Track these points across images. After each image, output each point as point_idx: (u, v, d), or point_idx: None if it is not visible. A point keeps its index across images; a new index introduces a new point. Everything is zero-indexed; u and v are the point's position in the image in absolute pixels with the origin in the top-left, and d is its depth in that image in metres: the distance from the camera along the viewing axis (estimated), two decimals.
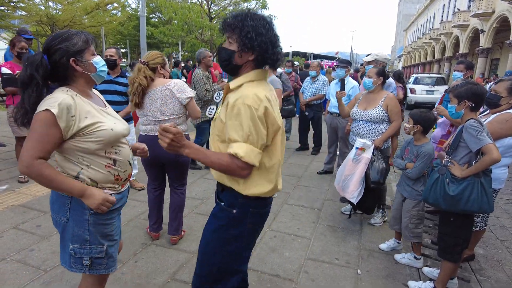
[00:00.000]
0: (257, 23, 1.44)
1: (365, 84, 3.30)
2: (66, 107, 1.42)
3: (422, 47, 39.52)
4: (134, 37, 27.51)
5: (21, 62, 4.20)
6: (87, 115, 1.49)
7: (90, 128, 1.48)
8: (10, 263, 2.58)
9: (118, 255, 1.74)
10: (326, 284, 2.52)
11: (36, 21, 18.54)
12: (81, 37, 1.53)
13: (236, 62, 1.51)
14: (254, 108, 1.39)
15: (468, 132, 2.14)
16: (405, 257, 2.84)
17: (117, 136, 1.57)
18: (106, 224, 1.59)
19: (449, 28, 28.25)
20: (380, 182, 3.15)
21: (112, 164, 1.58)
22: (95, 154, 1.52)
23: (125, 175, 1.65)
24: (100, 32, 21.24)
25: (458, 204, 2.16)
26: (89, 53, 1.54)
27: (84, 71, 1.53)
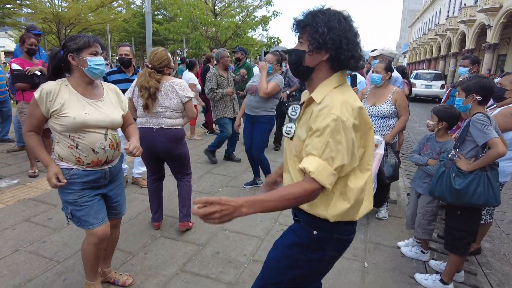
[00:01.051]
0: (330, 17, 1.26)
1: (374, 79, 3.30)
2: (46, 92, 1.81)
3: (428, 43, 39.18)
4: (139, 34, 27.61)
5: (31, 58, 4.26)
6: (62, 101, 1.83)
7: (58, 113, 1.82)
8: (24, 254, 2.64)
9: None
10: (333, 276, 2.55)
11: (42, 19, 18.68)
12: (84, 39, 1.87)
13: (308, 63, 1.33)
14: (341, 120, 1.20)
15: (474, 126, 2.15)
16: (412, 251, 2.86)
17: (80, 125, 1.84)
18: (66, 192, 1.92)
19: (455, 23, 27.97)
20: (395, 177, 3.17)
21: (74, 147, 1.88)
22: (62, 134, 1.87)
23: (87, 159, 1.91)
24: (105, 29, 21.35)
25: (463, 197, 2.17)
26: (87, 52, 1.86)
27: (78, 65, 1.87)
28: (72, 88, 1.89)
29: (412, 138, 8.08)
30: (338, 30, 1.25)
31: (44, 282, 2.32)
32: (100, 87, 2.05)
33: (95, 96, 1.97)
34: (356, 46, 1.29)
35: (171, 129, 2.84)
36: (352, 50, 1.28)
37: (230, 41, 18.92)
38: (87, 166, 1.93)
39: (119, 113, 2.06)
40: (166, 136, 2.82)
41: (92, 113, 1.89)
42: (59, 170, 1.87)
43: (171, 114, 2.80)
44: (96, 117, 1.90)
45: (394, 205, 3.88)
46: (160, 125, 2.81)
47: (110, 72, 3.82)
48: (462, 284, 2.56)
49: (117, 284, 2.34)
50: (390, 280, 2.54)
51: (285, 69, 6.09)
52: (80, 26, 20.75)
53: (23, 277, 2.37)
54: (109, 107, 2.00)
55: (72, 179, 1.90)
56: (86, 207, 1.94)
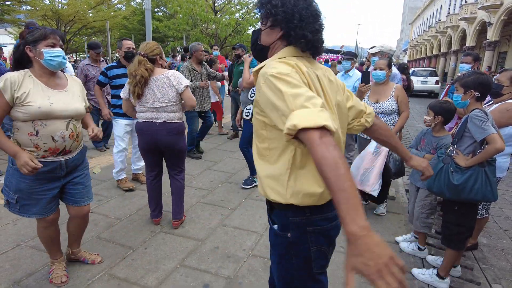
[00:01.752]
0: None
1: (377, 76, 3.31)
2: (10, 82, 1.87)
3: (428, 40, 39.10)
4: (139, 32, 27.58)
5: None
6: (26, 91, 1.90)
7: (21, 102, 1.89)
8: (25, 249, 2.66)
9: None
10: (331, 271, 2.55)
11: (41, 16, 18.64)
12: (40, 31, 1.94)
13: (264, 41, 1.29)
14: (284, 73, 1.09)
15: (472, 122, 2.16)
16: (410, 247, 2.88)
17: (45, 114, 1.93)
18: (20, 180, 2.00)
19: (456, 21, 27.90)
20: (402, 172, 3.20)
21: (34, 134, 1.95)
22: (24, 122, 1.92)
23: (45, 146, 1.98)
24: (105, 26, 21.31)
25: (462, 193, 2.19)
26: (44, 44, 1.93)
27: (35, 57, 1.95)
28: (36, 79, 1.97)
29: (412, 135, 8.09)
30: (292, 4, 1.19)
31: (45, 277, 2.34)
32: (63, 78, 2.15)
33: (58, 86, 2.06)
34: (309, 25, 1.21)
35: (174, 122, 2.87)
36: (304, 28, 1.20)
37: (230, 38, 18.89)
38: (42, 156, 1.99)
39: (82, 103, 2.16)
40: (169, 130, 2.85)
41: (57, 102, 1.99)
42: (31, 155, 1.91)
43: (172, 107, 2.83)
44: (60, 106, 2.00)
45: (392, 201, 3.90)
46: (163, 119, 2.84)
47: (110, 66, 3.82)
48: (459, 278, 2.58)
49: (87, 263, 2.50)
50: None
51: None
52: (80, 23, 20.72)
53: (24, 271, 2.39)
54: (73, 97, 2.10)
55: None
56: (35, 200, 2.05)
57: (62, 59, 2.00)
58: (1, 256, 2.57)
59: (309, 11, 1.21)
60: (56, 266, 2.32)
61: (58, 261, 2.34)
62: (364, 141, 3.59)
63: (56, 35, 1.98)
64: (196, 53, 4.92)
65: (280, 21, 1.22)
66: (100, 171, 4.55)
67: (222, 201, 3.73)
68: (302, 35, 1.21)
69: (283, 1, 1.20)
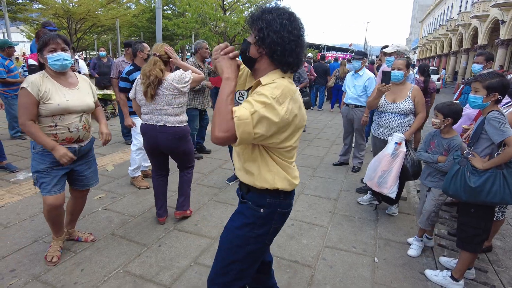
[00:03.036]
0: (274, 18, 1.36)
1: (395, 76, 3.29)
2: (34, 83, 2.17)
3: (438, 39, 38.57)
4: (148, 29, 27.72)
5: None
6: (46, 90, 2.19)
7: (43, 100, 2.18)
8: (43, 244, 2.72)
9: None
10: (344, 271, 2.58)
11: (53, 14, 18.86)
12: (43, 39, 2.22)
13: (252, 54, 1.45)
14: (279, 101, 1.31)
15: (490, 124, 2.14)
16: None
17: (63, 109, 2.24)
18: (39, 162, 2.31)
19: (467, 19, 27.48)
20: (420, 173, 3.19)
21: (54, 126, 2.26)
22: (45, 117, 2.23)
23: (62, 136, 2.30)
24: (115, 24, 21.49)
25: (479, 195, 2.17)
26: (47, 50, 2.20)
27: (44, 63, 2.26)
28: (52, 79, 2.27)
29: (422, 135, 8.02)
30: (277, 33, 1.35)
31: (63, 272, 2.40)
32: (74, 76, 2.45)
33: (71, 85, 2.37)
34: (291, 52, 1.39)
35: (174, 127, 2.87)
36: (287, 56, 1.38)
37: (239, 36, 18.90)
38: (61, 143, 2.31)
39: (91, 99, 2.47)
40: (169, 134, 2.86)
41: (72, 99, 2.30)
42: (66, 149, 2.27)
43: (173, 110, 2.84)
44: (75, 102, 2.31)
45: (404, 201, 3.89)
46: (163, 122, 2.85)
47: (130, 71, 3.77)
48: (473, 281, 2.57)
49: (81, 241, 2.79)
50: (400, 275, 2.57)
51: None
52: (90, 21, 20.93)
53: (43, 267, 2.45)
54: (84, 94, 2.41)
55: (46, 152, 2.28)
56: (49, 177, 2.33)
57: (63, 61, 2.24)
58: (20, 251, 2.63)
59: (291, 38, 1.37)
60: (54, 244, 2.57)
61: (57, 239, 2.58)
62: (379, 143, 3.57)
63: (55, 40, 2.22)
64: (200, 51, 4.92)
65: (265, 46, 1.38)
66: (113, 168, 4.61)
67: (233, 199, 3.75)
68: (284, 62, 1.40)
69: (271, 29, 1.35)
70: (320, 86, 10.59)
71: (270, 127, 1.31)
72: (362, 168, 4.92)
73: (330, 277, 2.50)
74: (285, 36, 1.36)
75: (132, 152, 3.99)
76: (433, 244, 2.96)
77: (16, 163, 4.64)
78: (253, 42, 1.42)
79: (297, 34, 1.39)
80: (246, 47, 1.46)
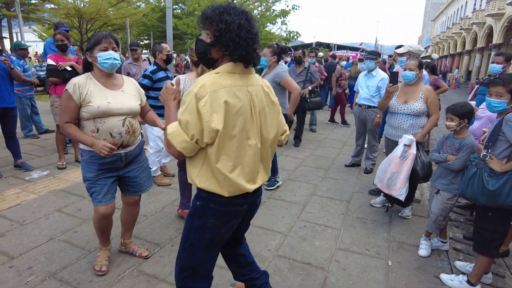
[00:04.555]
0: (234, 18, 1.42)
1: (408, 77, 3.25)
2: (77, 85, 2.11)
3: (452, 37, 37.93)
4: (158, 29, 27.84)
5: (65, 54, 4.43)
6: (88, 92, 2.13)
7: (85, 102, 2.12)
8: (58, 243, 2.76)
9: None
10: (357, 274, 2.56)
11: (64, 14, 19.09)
12: (95, 38, 2.16)
13: (213, 56, 1.51)
14: (196, 97, 1.40)
15: (509, 126, 2.10)
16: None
17: (103, 112, 2.14)
18: (87, 170, 2.24)
19: (482, 17, 26.95)
20: (430, 176, 3.15)
21: (96, 131, 2.16)
22: (87, 120, 2.15)
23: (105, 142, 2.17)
24: (125, 23, 21.66)
25: (497, 199, 2.12)
26: (98, 49, 2.14)
27: (92, 61, 2.19)
28: (96, 80, 2.20)
29: (435, 136, 7.90)
30: (235, 32, 1.42)
31: (78, 270, 2.43)
32: (120, 78, 2.34)
33: (115, 86, 2.26)
34: (247, 46, 1.45)
35: None
36: (244, 52, 1.45)
37: None
38: None
39: (137, 102, 2.33)
40: None
41: (113, 102, 2.18)
42: (104, 141, 2.13)
43: None
44: (116, 105, 2.19)
45: (417, 204, 3.84)
46: None
47: (154, 70, 3.91)
48: (490, 286, 2.52)
49: (135, 255, 2.63)
50: (415, 279, 2.53)
51: (307, 65, 6.06)
52: (101, 21, 21.10)
53: (59, 265, 2.48)
54: (128, 96, 2.28)
55: (92, 160, 2.21)
56: (99, 186, 2.25)
57: (114, 60, 2.17)
58: (36, 249, 2.67)
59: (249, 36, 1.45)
60: (101, 254, 2.49)
61: (104, 249, 2.50)
62: (391, 144, 3.53)
63: (108, 39, 2.17)
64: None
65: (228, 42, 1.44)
66: None
67: None
68: (238, 55, 1.46)
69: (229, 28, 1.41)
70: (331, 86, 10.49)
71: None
72: (374, 169, 4.87)
73: (344, 280, 2.48)
74: (243, 35, 1.43)
75: (151, 155, 4.07)
76: (448, 247, 2.92)
77: (30, 161, 4.71)
78: (211, 43, 1.48)
79: (255, 32, 1.48)
80: (205, 49, 1.51)
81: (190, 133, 1.41)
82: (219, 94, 1.41)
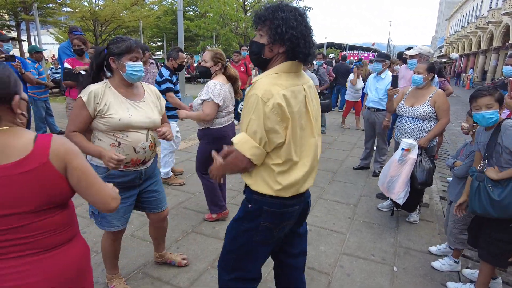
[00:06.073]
0: (289, 15, 1.40)
1: (415, 80, 3.21)
2: (93, 95, 1.89)
3: (467, 37, 37.10)
4: (170, 31, 28.18)
5: (81, 58, 4.55)
6: (107, 103, 1.91)
7: (103, 113, 1.89)
8: None
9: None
10: (361, 279, 2.54)
11: (80, 17, 19.54)
12: (126, 44, 1.93)
13: (266, 55, 1.49)
14: (262, 100, 1.38)
15: (507, 134, 2.04)
16: (446, 264, 2.70)
17: (124, 125, 1.92)
18: None
19: (498, 16, 26.29)
20: (428, 183, 3.09)
21: (117, 145, 1.94)
22: (105, 133, 1.93)
23: (128, 158, 1.96)
24: (138, 26, 22.00)
25: (508, 208, 2.05)
26: (128, 57, 1.93)
27: (117, 69, 1.95)
28: (115, 90, 1.97)
29: (447, 138, 7.76)
30: (296, 29, 1.40)
31: None
32: (140, 87, 2.14)
33: (136, 97, 2.05)
34: (310, 43, 1.45)
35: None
36: (307, 47, 1.44)
37: None
38: (125, 166, 1.97)
39: (158, 114, 2.12)
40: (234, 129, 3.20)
41: (135, 114, 1.97)
42: (113, 151, 1.89)
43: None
44: (139, 118, 1.98)
45: (426, 208, 3.78)
46: (232, 119, 3.17)
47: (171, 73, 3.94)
48: None
49: (174, 265, 2.57)
50: (421, 286, 2.50)
51: (316, 67, 6.05)
52: (115, 23, 21.50)
53: None
54: (149, 107, 2.08)
55: (108, 179, 1.95)
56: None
57: (142, 73, 2.01)
58: None
59: (308, 30, 1.44)
60: (117, 282, 2.29)
61: (117, 276, 2.32)
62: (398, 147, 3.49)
63: (139, 48, 1.99)
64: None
65: (286, 40, 1.42)
66: None
67: None
68: (306, 53, 1.45)
69: (288, 25, 1.40)
70: (341, 87, 10.42)
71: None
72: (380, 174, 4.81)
73: (347, 285, 2.46)
74: (303, 30, 1.42)
75: (165, 156, 4.13)
76: (459, 268, 2.71)
77: None
78: (268, 42, 1.45)
79: (310, 26, 1.47)
80: (259, 50, 1.49)
81: (258, 137, 1.41)
82: (282, 94, 1.40)
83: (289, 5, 1.45)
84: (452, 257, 2.73)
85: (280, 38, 1.41)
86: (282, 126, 1.42)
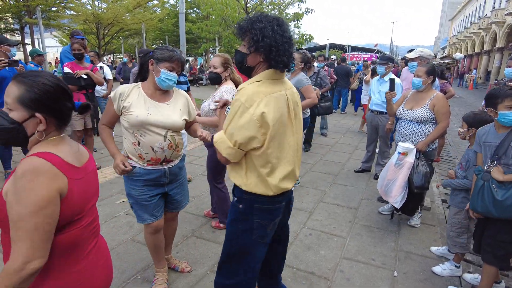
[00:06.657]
0: (267, 25, 1.49)
1: (414, 84, 3.20)
2: (119, 93, 2.05)
3: (470, 37, 36.96)
4: (173, 33, 28.26)
5: (81, 62, 4.58)
6: (130, 101, 2.04)
7: (125, 111, 2.04)
8: None
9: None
10: (361, 284, 2.53)
11: (83, 20, 19.66)
12: (169, 53, 2.07)
13: (249, 63, 1.60)
14: (245, 106, 1.49)
15: None
16: (446, 269, 2.68)
17: (141, 122, 2.02)
18: (130, 187, 2.16)
19: (501, 16, 26.17)
20: (425, 187, 3.07)
21: (137, 144, 2.06)
22: (127, 131, 2.08)
23: (147, 156, 2.09)
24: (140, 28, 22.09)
25: (510, 209, 2.05)
26: (165, 65, 2.05)
27: (153, 72, 2.08)
28: (142, 90, 2.11)
29: (450, 140, 7.72)
30: (270, 38, 1.48)
31: None
32: (171, 93, 2.21)
33: (161, 99, 2.14)
34: (283, 51, 1.52)
35: None
36: (279, 55, 1.51)
37: None
38: (147, 164, 2.11)
39: (182, 117, 2.17)
40: None
41: (155, 114, 2.06)
42: (125, 158, 2.08)
43: None
44: (157, 118, 2.06)
45: (427, 212, 3.75)
46: None
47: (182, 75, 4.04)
48: None
49: (177, 270, 2.59)
50: None
51: (317, 69, 6.04)
52: (118, 26, 21.60)
53: None
54: (173, 110, 2.14)
55: (135, 176, 2.12)
56: (144, 206, 2.19)
57: (173, 84, 2.10)
58: None
59: (283, 40, 1.51)
60: (159, 276, 2.40)
61: (162, 271, 2.43)
62: None
63: (179, 62, 2.10)
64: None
65: (262, 51, 1.52)
66: None
67: None
68: (279, 61, 1.53)
69: (264, 35, 1.48)
70: (342, 89, 10.40)
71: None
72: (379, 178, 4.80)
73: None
74: (278, 39, 1.50)
75: None
76: (461, 273, 2.68)
77: None
78: (249, 51, 1.55)
79: (288, 36, 1.54)
80: (242, 59, 1.60)
81: (234, 139, 1.52)
82: (264, 101, 1.50)
83: (268, 16, 1.55)
84: (453, 262, 2.70)
85: (257, 47, 1.51)
86: (260, 132, 1.52)
